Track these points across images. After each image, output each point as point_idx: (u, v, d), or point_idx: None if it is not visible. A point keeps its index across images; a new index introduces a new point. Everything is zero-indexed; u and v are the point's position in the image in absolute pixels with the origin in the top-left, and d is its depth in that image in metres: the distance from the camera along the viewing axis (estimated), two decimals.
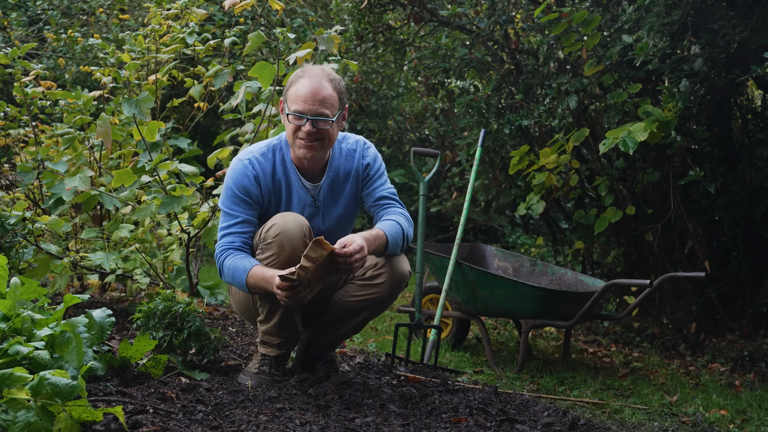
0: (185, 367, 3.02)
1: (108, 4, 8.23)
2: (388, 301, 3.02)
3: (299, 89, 2.90)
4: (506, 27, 5.54)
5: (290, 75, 3.03)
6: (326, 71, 2.95)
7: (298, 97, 2.89)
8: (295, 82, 2.93)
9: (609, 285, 3.92)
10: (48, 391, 1.98)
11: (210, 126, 9.09)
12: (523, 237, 8.33)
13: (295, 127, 2.90)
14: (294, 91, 2.91)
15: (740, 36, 4.16)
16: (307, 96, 2.88)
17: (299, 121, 2.89)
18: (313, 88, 2.89)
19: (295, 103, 2.89)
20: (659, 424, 3.14)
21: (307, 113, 2.88)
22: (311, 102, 2.88)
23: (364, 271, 2.96)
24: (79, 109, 4.34)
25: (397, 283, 2.97)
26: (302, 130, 2.89)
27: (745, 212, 4.80)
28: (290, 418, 2.50)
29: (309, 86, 2.89)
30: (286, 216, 2.88)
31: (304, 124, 2.88)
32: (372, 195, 3.11)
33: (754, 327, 4.79)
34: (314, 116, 2.88)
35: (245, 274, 2.86)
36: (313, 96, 2.88)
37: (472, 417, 2.70)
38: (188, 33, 4.32)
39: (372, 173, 3.11)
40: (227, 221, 2.97)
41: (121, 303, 4.33)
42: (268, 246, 2.86)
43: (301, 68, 2.99)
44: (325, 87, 2.90)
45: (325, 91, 2.90)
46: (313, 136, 2.89)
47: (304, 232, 2.86)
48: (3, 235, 3.65)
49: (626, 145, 4.13)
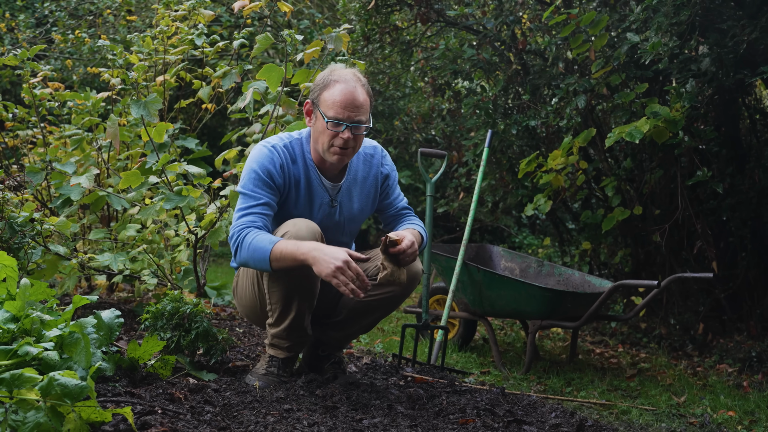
0: (193, 367, 3.02)
1: (115, 6, 8.25)
2: (401, 300, 3.02)
3: (335, 95, 2.85)
4: (513, 27, 5.54)
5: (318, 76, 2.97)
6: (357, 75, 2.92)
7: (336, 103, 2.84)
8: (329, 86, 2.87)
9: (616, 286, 3.92)
10: (57, 391, 1.99)
11: (217, 126, 9.11)
12: (530, 237, 8.32)
13: (333, 133, 2.86)
14: (330, 96, 2.86)
15: (749, 36, 4.15)
16: (345, 103, 2.84)
17: (338, 128, 2.84)
18: (349, 94, 2.85)
19: (332, 110, 2.84)
20: (667, 425, 3.13)
21: (346, 120, 2.84)
22: (350, 109, 2.84)
23: (377, 270, 2.96)
24: (87, 111, 4.35)
25: (410, 282, 2.96)
26: (339, 137, 2.85)
27: (753, 213, 4.79)
28: (298, 419, 2.50)
29: (345, 92, 2.85)
30: (298, 223, 2.85)
31: (342, 131, 2.85)
32: (393, 205, 3.18)
33: (762, 328, 4.77)
34: (352, 123, 2.85)
35: (271, 246, 2.73)
36: (352, 103, 2.84)
37: (479, 418, 2.70)
38: (197, 35, 4.33)
39: (391, 183, 3.16)
40: (248, 202, 2.86)
41: (128, 304, 4.34)
42: None
43: (330, 70, 2.92)
44: (360, 93, 2.87)
45: (361, 97, 2.87)
46: (348, 144, 2.87)
47: (316, 238, 2.84)
48: (12, 236, 3.66)
49: (632, 135, 4.18)
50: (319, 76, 2.96)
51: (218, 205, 3.76)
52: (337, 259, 2.66)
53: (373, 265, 3.01)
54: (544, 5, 5.56)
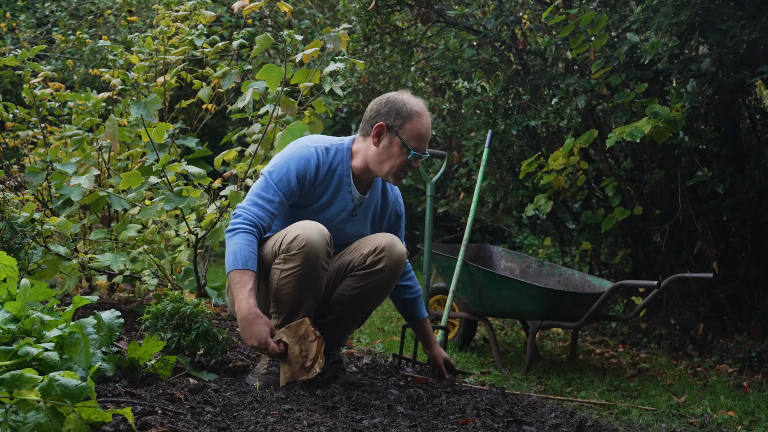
0: (193, 368, 3.03)
1: (116, 6, 8.25)
2: (390, 285, 3.10)
3: (420, 129, 3.04)
4: (513, 27, 5.54)
5: (388, 100, 3.08)
6: (425, 107, 3.12)
7: (420, 136, 3.04)
8: (414, 117, 3.04)
9: (616, 286, 3.92)
10: (57, 392, 1.99)
11: (217, 126, 9.11)
12: (530, 238, 8.32)
13: (407, 162, 3.05)
14: (414, 128, 3.03)
15: (749, 36, 4.15)
16: (426, 137, 3.07)
17: (418, 159, 3.05)
18: (428, 128, 3.08)
19: (415, 141, 3.03)
20: (667, 425, 3.14)
21: (423, 152, 3.07)
22: (426, 141, 3.08)
23: (363, 258, 3.04)
24: (88, 111, 4.36)
25: (397, 265, 3.05)
26: (410, 164, 3.06)
27: (753, 213, 4.79)
28: (298, 419, 2.50)
29: (427, 127, 3.07)
30: (308, 227, 2.90)
31: (417, 161, 3.05)
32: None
33: (762, 328, 4.77)
34: (424, 154, 3.09)
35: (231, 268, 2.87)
36: (428, 136, 3.09)
37: (479, 418, 2.70)
38: (197, 35, 4.33)
39: (400, 224, 3.36)
40: (267, 193, 2.97)
41: (129, 304, 4.35)
42: (291, 257, 2.87)
43: (406, 98, 3.07)
44: (430, 125, 3.10)
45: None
46: (412, 169, 3.09)
47: (326, 241, 2.91)
48: (12, 237, 3.67)
49: (633, 135, 4.20)
50: (391, 100, 3.07)
51: (218, 206, 3.76)
52: (260, 338, 2.86)
53: (357, 254, 3.06)
54: (544, 5, 5.56)
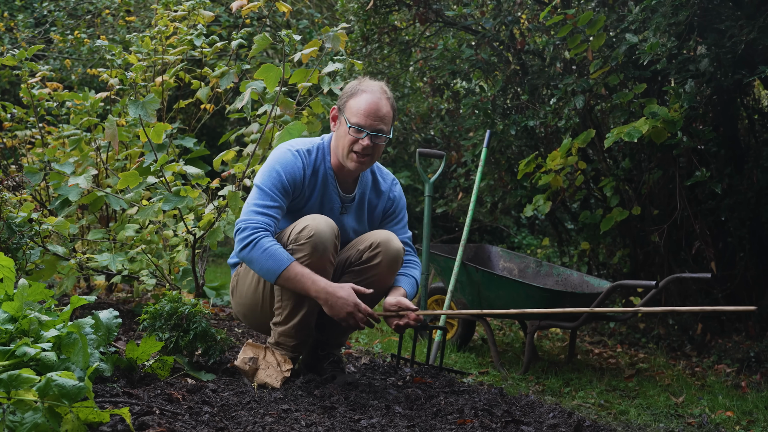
0: (191, 368, 3.02)
1: (114, 6, 8.25)
2: (387, 281, 3.09)
3: (360, 103, 2.99)
4: (512, 27, 5.54)
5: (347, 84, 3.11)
6: (383, 88, 3.06)
7: (360, 111, 2.98)
8: (355, 95, 3.01)
9: (615, 286, 3.92)
10: (55, 392, 1.99)
11: (216, 126, 9.10)
12: (528, 238, 8.32)
13: (353, 139, 2.99)
14: (355, 104, 3.00)
15: (747, 36, 4.15)
16: (368, 111, 2.98)
17: (359, 134, 2.97)
18: (374, 104, 2.99)
19: (356, 117, 2.98)
20: (665, 425, 3.14)
21: (368, 128, 2.98)
22: (372, 117, 2.98)
23: (360, 254, 3.05)
24: (86, 111, 4.35)
25: (393, 260, 3.04)
26: (359, 144, 2.99)
27: (751, 213, 4.79)
28: (296, 420, 2.50)
29: (370, 102, 2.99)
30: (317, 218, 2.93)
31: (362, 138, 2.97)
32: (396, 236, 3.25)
33: (760, 328, 4.77)
34: (373, 132, 2.98)
35: (288, 262, 2.85)
36: (375, 112, 2.98)
37: (477, 418, 2.70)
38: (196, 35, 4.33)
39: (397, 211, 3.27)
40: (265, 200, 2.96)
41: (127, 304, 4.34)
42: (300, 247, 2.89)
43: (360, 81, 3.07)
44: (384, 104, 3.01)
45: (384, 108, 3.01)
46: (367, 151, 3.00)
47: (335, 233, 2.94)
48: (10, 237, 3.66)
49: (631, 135, 4.20)
50: (348, 85, 3.10)
51: (216, 206, 3.76)
52: (348, 304, 2.88)
53: (354, 251, 3.07)
54: (542, 5, 5.56)
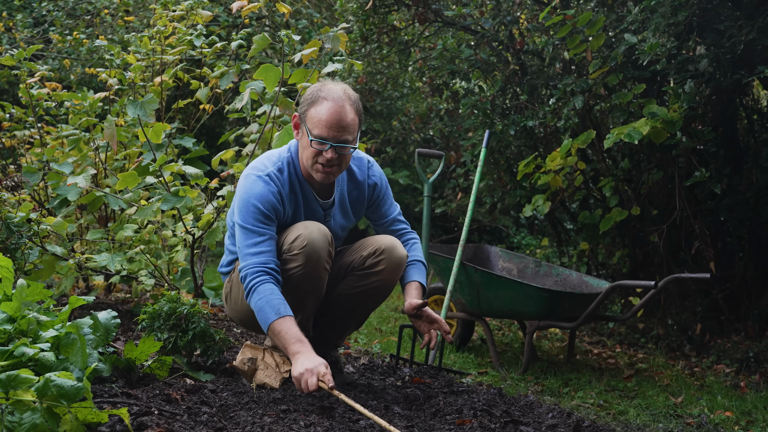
0: (190, 368, 3.02)
1: (113, 6, 8.24)
2: (389, 287, 3.04)
3: (321, 113, 2.80)
4: (511, 27, 5.54)
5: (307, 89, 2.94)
6: (347, 92, 2.86)
7: (321, 122, 2.80)
8: (316, 103, 2.83)
9: (614, 286, 3.92)
10: (54, 392, 1.99)
11: (215, 126, 9.10)
12: (528, 238, 8.32)
13: (316, 151, 2.82)
14: (316, 114, 2.81)
15: (746, 37, 4.15)
16: (330, 122, 2.79)
17: (322, 147, 2.81)
18: (336, 114, 2.79)
19: (318, 128, 2.80)
20: (664, 425, 3.14)
21: (331, 140, 2.80)
22: (335, 129, 2.80)
23: (363, 260, 2.99)
24: (84, 111, 4.35)
25: (396, 268, 2.99)
26: (323, 156, 2.82)
27: (750, 213, 4.79)
28: (295, 420, 2.50)
29: (332, 111, 2.79)
30: (309, 226, 2.85)
31: (326, 150, 2.81)
32: (386, 216, 3.18)
33: (759, 328, 4.77)
34: (337, 143, 2.81)
35: (276, 317, 2.71)
36: (338, 123, 2.80)
37: (476, 418, 2.70)
38: (196, 35, 4.33)
39: (380, 194, 3.13)
40: (254, 239, 2.82)
41: (126, 304, 4.34)
42: (293, 257, 2.82)
43: (321, 85, 2.88)
44: (347, 112, 2.82)
45: (348, 117, 2.82)
46: (332, 162, 2.83)
47: (328, 240, 2.86)
48: (8, 237, 3.66)
49: (631, 136, 4.18)
50: (308, 89, 2.92)
51: (215, 206, 3.76)
52: (312, 374, 2.60)
53: (358, 256, 3.02)
54: (541, 5, 5.56)
